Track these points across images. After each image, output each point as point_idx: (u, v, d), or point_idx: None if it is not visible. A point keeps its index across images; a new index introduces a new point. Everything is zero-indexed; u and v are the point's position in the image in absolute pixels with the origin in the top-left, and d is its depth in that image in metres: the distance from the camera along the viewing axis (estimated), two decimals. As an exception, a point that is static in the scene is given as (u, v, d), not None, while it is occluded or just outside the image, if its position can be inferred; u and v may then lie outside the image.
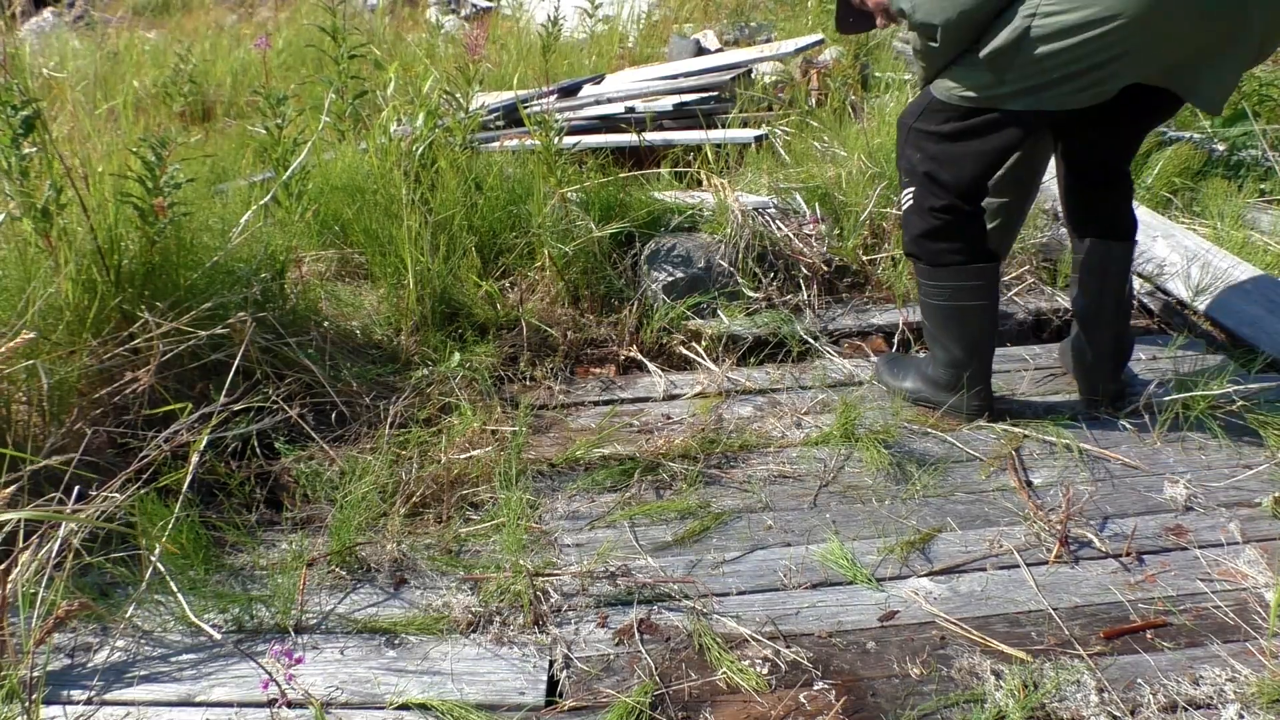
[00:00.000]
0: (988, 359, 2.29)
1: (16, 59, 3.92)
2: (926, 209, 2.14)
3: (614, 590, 1.84)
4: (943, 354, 2.30)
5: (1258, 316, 2.66)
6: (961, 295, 2.20)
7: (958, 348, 2.25)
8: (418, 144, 2.86)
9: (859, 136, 3.38)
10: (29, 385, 2.00)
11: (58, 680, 1.64)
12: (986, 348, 2.27)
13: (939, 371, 2.33)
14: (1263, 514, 1.99)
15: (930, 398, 2.37)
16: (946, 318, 2.24)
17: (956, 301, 2.21)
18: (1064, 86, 1.91)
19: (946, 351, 2.28)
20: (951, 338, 2.25)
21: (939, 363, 2.32)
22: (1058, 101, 1.93)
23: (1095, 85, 1.90)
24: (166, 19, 8.24)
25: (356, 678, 1.64)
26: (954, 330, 2.24)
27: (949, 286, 2.20)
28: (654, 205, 3.01)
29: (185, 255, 2.31)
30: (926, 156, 2.12)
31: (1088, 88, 1.90)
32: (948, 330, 2.25)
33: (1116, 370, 2.34)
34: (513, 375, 2.63)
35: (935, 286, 2.22)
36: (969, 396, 2.30)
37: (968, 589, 1.82)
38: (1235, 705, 1.53)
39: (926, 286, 2.25)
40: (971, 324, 2.22)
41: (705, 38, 5.65)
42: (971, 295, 2.19)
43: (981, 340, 2.25)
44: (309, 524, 2.03)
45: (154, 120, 4.63)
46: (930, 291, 2.24)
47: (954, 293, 2.20)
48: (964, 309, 2.21)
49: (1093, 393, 2.36)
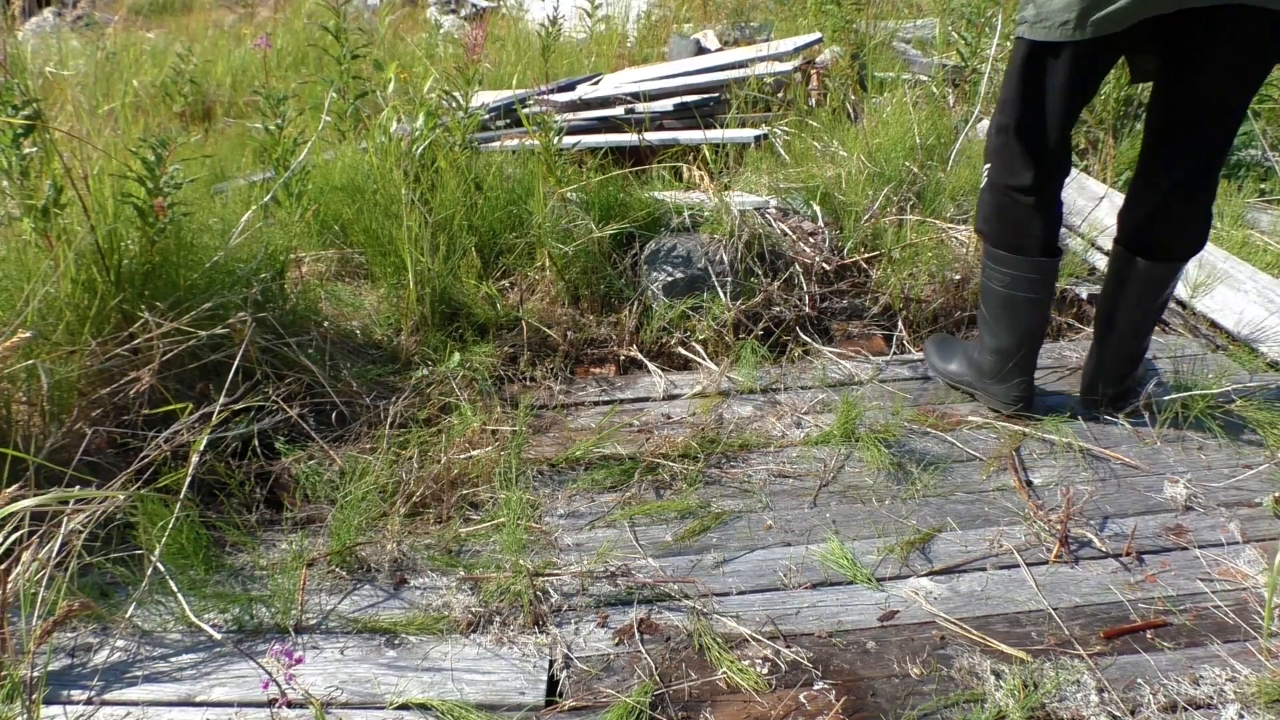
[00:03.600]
0: (1033, 353, 2.30)
1: (16, 59, 3.92)
2: (1000, 186, 2.14)
3: (614, 590, 1.84)
4: (991, 340, 2.31)
5: (1258, 316, 2.67)
6: (1019, 286, 2.20)
7: (1007, 336, 2.27)
8: (418, 144, 2.86)
9: (858, 136, 3.38)
10: (29, 385, 2.00)
11: (58, 680, 1.64)
12: (1034, 342, 2.27)
13: (984, 358, 2.34)
14: (1263, 514, 1.99)
15: (973, 383, 2.40)
16: (1001, 305, 2.25)
17: (1012, 291, 2.22)
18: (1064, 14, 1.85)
19: (995, 338, 2.29)
20: (1002, 325, 2.27)
21: (986, 348, 2.34)
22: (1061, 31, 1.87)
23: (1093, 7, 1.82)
24: (166, 19, 8.23)
25: (356, 678, 1.64)
26: (1006, 319, 2.25)
27: (1008, 274, 2.21)
28: (654, 205, 3.01)
29: (185, 255, 2.31)
30: (1000, 127, 2.09)
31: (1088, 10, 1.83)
32: (999, 318, 2.26)
33: (1121, 377, 2.33)
34: (513, 375, 2.63)
35: (995, 270, 2.23)
36: (1009, 387, 2.31)
37: (968, 589, 1.82)
38: (1235, 705, 1.53)
39: (988, 268, 2.26)
40: (1023, 316, 2.23)
41: (705, 38, 5.65)
42: (1028, 288, 2.20)
43: (1030, 334, 2.25)
44: (309, 524, 2.03)
45: (154, 120, 4.63)
46: (990, 274, 2.25)
47: (1012, 281, 2.21)
48: (1017, 300, 2.22)
49: (1091, 393, 2.36)
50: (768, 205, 3.10)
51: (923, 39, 5.20)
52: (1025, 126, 2.04)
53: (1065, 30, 1.89)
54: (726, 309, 2.76)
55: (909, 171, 3.21)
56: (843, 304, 2.95)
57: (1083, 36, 1.88)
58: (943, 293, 2.89)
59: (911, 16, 5.75)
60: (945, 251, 2.92)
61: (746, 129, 3.73)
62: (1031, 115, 2.03)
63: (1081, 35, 1.87)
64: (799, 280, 2.91)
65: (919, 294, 2.88)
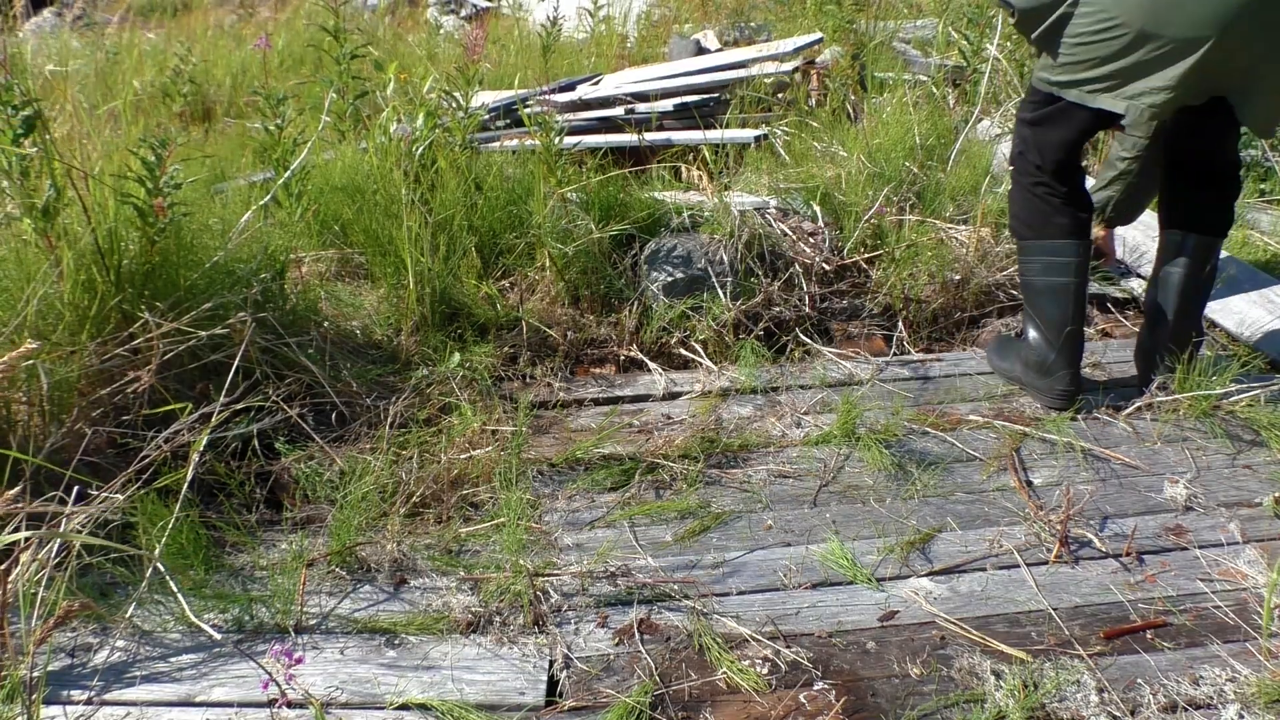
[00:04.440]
0: (1076, 345, 2.33)
1: (16, 59, 3.92)
2: (1022, 185, 2.33)
3: (614, 590, 1.84)
4: (1036, 333, 2.37)
5: (1258, 317, 2.67)
6: (1051, 270, 2.30)
7: (1047, 326, 2.33)
8: (418, 144, 2.86)
9: (858, 137, 3.38)
10: (29, 385, 2.00)
11: (58, 680, 1.64)
12: (1076, 332, 2.31)
13: (1031, 353, 2.40)
14: (1263, 514, 1.99)
15: (1023, 379, 2.46)
16: (1038, 294, 2.35)
17: (1044, 277, 2.31)
18: (1097, 85, 2.06)
19: (1038, 330, 2.36)
20: (1042, 316, 2.34)
21: (1032, 343, 2.39)
22: (1097, 100, 2.09)
23: (1128, 96, 2.04)
24: (166, 19, 8.23)
25: (356, 678, 1.64)
26: (1045, 308, 2.33)
27: (1038, 261, 2.31)
28: (654, 205, 3.01)
29: (185, 255, 2.31)
30: (1020, 139, 2.33)
31: (1120, 96, 2.05)
32: (1038, 307, 2.35)
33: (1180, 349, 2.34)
34: (512, 375, 2.63)
35: (1028, 261, 2.36)
36: (1054, 380, 2.36)
37: (968, 589, 1.82)
38: (1235, 705, 1.53)
39: (1021, 262, 2.40)
40: (1060, 304, 2.29)
41: (705, 38, 5.65)
42: (1060, 271, 2.29)
43: (1070, 321, 2.30)
44: (309, 524, 2.03)
45: (154, 120, 4.62)
46: (1025, 265, 2.38)
47: (1043, 267, 2.32)
48: (1053, 286, 2.30)
49: (1145, 383, 2.39)
50: (768, 205, 3.10)
51: (923, 39, 5.20)
52: (1042, 149, 2.27)
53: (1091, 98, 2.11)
54: (726, 309, 2.76)
55: (909, 171, 3.21)
56: (843, 304, 2.95)
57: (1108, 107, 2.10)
58: (942, 293, 2.89)
59: (911, 16, 5.75)
60: (945, 251, 2.92)
61: (746, 129, 3.73)
62: (1046, 143, 2.26)
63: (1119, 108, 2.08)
64: (799, 280, 2.91)
65: (919, 294, 2.88)
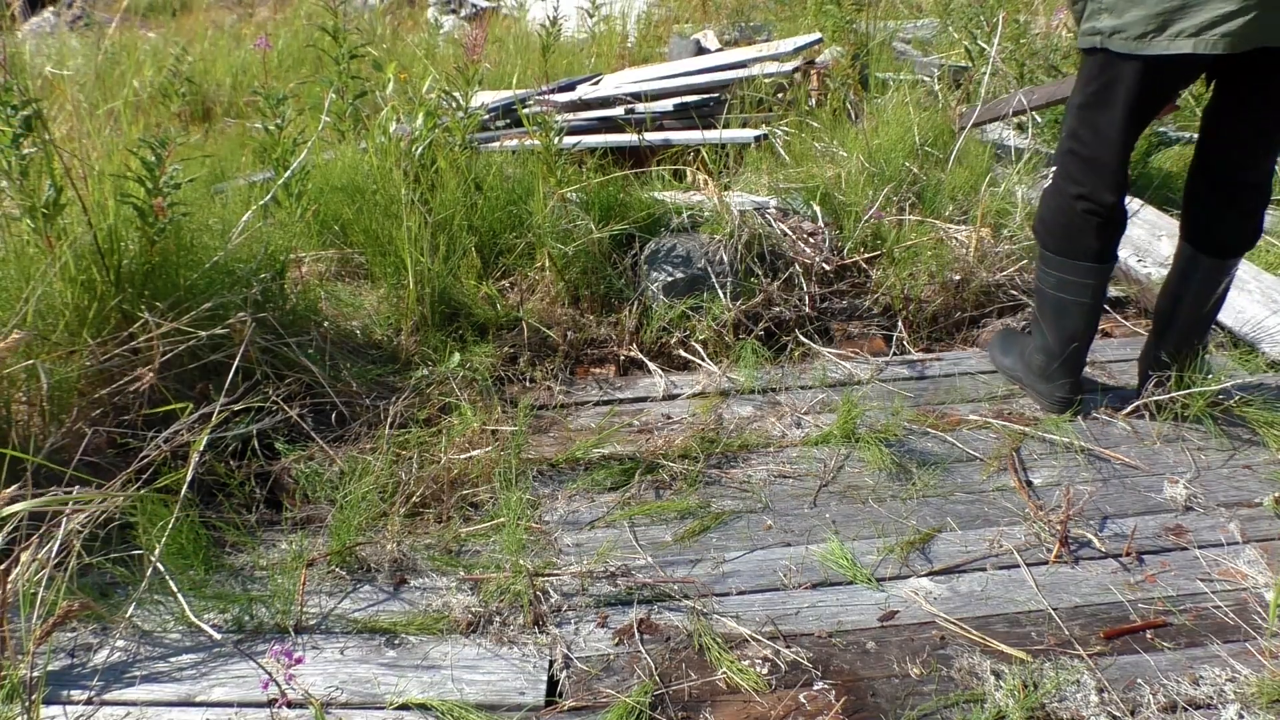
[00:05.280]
0: (1080, 356, 2.31)
1: (16, 59, 3.92)
2: (1061, 192, 2.17)
3: (614, 590, 1.84)
4: (1041, 339, 2.34)
5: (1258, 316, 2.66)
6: (1067, 289, 2.23)
7: (1054, 337, 2.30)
8: (417, 144, 2.86)
9: (858, 137, 3.38)
10: (29, 385, 2.00)
11: (58, 680, 1.64)
12: (1081, 345, 2.29)
13: (1034, 356, 2.38)
14: (1263, 514, 1.99)
15: (1023, 379, 2.45)
16: (1050, 306, 2.28)
17: (1060, 293, 2.24)
18: (1150, 25, 1.88)
19: (1044, 337, 2.33)
20: (1050, 326, 2.30)
21: (1036, 347, 2.37)
22: (1151, 46, 1.89)
23: (1190, 33, 1.84)
24: (166, 19, 8.23)
25: (356, 678, 1.64)
26: (1054, 320, 2.28)
27: (1055, 276, 2.24)
28: (654, 206, 3.01)
29: (185, 255, 2.31)
30: (1068, 132, 2.14)
31: (1180, 35, 1.86)
32: (1048, 318, 2.30)
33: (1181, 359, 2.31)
34: (512, 375, 2.63)
35: (1047, 273, 2.26)
36: (1054, 387, 2.34)
37: (968, 589, 1.82)
38: (1235, 705, 1.53)
39: (1040, 269, 2.30)
40: (1071, 320, 2.26)
41: (705, 38, 5.65)
42: (1077, 291, 2.22)
43: (1077, 337, 2.27)
44: (309, 524, 2.03)
45: (153, 120, 4.62)
46: (1042, 276, 2.29)
47: (1059, 283, 2.24)
48: (1066, 303, 2.25)
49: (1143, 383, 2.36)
50: (768, 205, 3.10)
51: (923, 39, 5.20)
52: (1090, 140, 2.09)
53: (1142, 43, 1.91)
54: (726, 309, 2.76)
55: (909, 171, 3.21)
56: (843, 304, 2.95)
57: (1164, 51, 1.89)
58: (942, 293, 2.89)
59: (912, 17, 5.75)
60: (945, 251, 2.92)
61: (747, 129, 3.73)
62: (1097, 129, 2.07)
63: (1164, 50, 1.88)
64: (799, 280, 2.91)
65: (919, 294, 2.88)
